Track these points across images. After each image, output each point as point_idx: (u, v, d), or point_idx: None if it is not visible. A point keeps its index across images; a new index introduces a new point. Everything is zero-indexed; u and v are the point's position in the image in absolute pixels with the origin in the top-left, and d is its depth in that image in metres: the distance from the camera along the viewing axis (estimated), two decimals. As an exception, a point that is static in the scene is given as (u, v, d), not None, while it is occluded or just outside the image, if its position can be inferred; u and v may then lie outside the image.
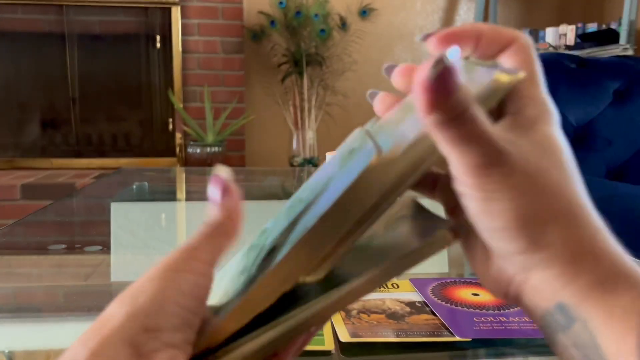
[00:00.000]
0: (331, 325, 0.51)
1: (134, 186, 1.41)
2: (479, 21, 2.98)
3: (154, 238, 0.95)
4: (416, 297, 0.58)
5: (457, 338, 0.48)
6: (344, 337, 0.48)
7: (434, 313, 0.53)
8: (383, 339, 0.48)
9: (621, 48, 2.54)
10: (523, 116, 0.24)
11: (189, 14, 2.91)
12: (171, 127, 3.03)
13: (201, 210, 1.20)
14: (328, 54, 2.96)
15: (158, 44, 2.97)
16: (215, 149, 2.82)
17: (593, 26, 2.83)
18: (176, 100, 2.90)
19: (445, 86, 0.21)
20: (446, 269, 0.74)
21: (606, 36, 2.66)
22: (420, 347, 0.48)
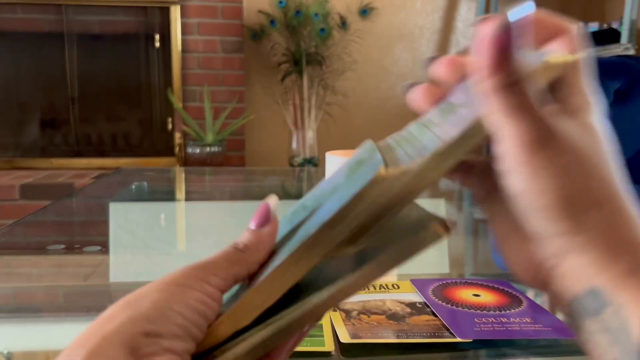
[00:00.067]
0: (331, 326, 0.51)
1: (133, 186, 1.41)
2: (479, 21, 2.97)
3: (153, 238, 0.95)
4: (417, 298, 0.57)
5: (458, 339, 0.48)
6: (344, 338, 0.48)
7: (435, 314, 0.53)
8: (383, 340, 0.48)
9: (622, 48, 2.53)
10: (569, 104, 0.25)
11: (189, 13, 2.91)
12: (170, 127, 3.02)
13: (200, 210, 1.20)
14: (328, 54, 2.96)
15: (157, 44, 2.97)
16: (214, 149, 2.82)
17: (594, 26, 2.82)
18: (176, 99, 2.90)
19: (509, 45, 0.22)
20: (447, 270, 0.74)
21: (607, 36, 2.66)
22: (420, 348, 0.48)
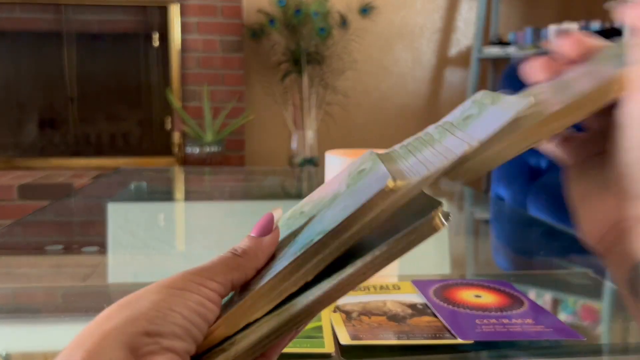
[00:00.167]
0: (331, 327, 0.50)
1: (132, 186, 1.41)
2: (481, 20, 2.97)
3: (152, 238, 0.95)
4: (418, 299, 0.57)
5: (459, 340, 0.48)
6: (345, 340, 0.48)
7: (436, 315, 0.53)
8: (384, 342, 0.48)
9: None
10: None
11: (188, 12, 2.91)
12: (170, 127, 3.02)
13: (200, 210, 1.20)
14: (328, 53, 2.96)
15: (156, 43, 2.96)
16: (214, 149, 2.81)
17: (596, 24, 2.81)
18: (175, 99, 2.90)
19: None
20: (448, 271, 0.74)
21: (610, 34, 2.65)
22: (421, 350, 0.48)
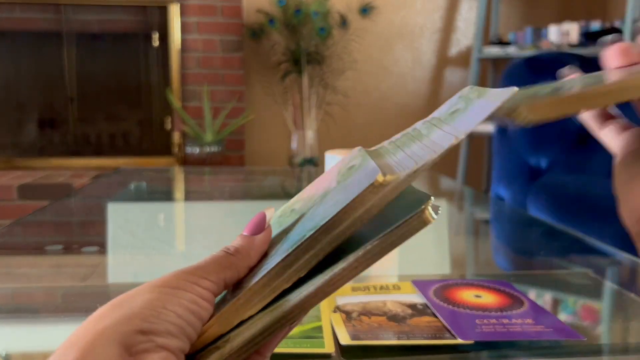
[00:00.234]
0: (331, 327, 0.50)
1: (132, 186, 1.41)
2: (481, 20, 2.97)
3: (152, 238, 0.95)
4: (418, 299, 0.57)
5: (460, 340, 0.48)
6: (345, 340, 0.48)
7: (436, 315, 0.53)
8: (384, 342, 0.48)
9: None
10: None
11: (188, 12, 2.90)
12: (169, 127, 3.02)
13: (199, 210, 1.20)
14: (328, 53, 2.95)
15: (156, 43, 2.96)
16: (214, 149, 2.81)
17: (596, 24, 2.81)
18: (175, 99, 2.90)
19: None
20: (448, 271, 0.74)
21: (609, 34, 2.65)
22: (422, 350, 0.47)
